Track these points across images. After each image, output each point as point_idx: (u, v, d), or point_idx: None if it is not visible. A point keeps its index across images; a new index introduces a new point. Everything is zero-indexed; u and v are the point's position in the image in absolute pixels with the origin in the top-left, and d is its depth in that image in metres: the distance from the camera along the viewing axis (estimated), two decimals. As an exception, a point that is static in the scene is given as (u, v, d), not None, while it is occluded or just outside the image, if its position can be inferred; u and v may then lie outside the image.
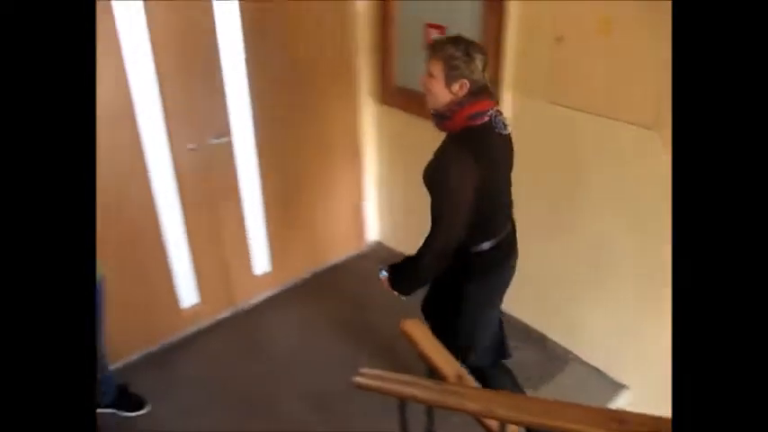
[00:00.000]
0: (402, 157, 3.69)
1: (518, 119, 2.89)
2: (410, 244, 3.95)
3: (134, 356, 3.19)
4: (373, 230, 4.11)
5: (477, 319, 2.35)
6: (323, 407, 2.88)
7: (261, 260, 3.55)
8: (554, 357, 3.09)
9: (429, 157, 3.18)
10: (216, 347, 3.29)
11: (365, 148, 3.79)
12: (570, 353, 3.09)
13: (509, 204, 2.32)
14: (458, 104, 2.03)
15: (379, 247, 4.07)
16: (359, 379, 1.80)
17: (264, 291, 3.64)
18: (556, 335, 3.17)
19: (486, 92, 2.09)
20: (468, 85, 2.02)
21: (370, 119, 3.72)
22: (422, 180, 2.18)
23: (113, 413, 2.86)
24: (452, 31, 3.01)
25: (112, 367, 2.93)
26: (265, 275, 3.60)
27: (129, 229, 2.93)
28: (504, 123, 2.15)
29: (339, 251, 3.96)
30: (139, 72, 2.72)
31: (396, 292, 2.29)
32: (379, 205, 4.01)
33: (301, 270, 3.76)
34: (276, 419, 2.82)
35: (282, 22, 3.12)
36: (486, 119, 2.07)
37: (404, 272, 2.24)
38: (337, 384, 2.92)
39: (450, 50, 2.00)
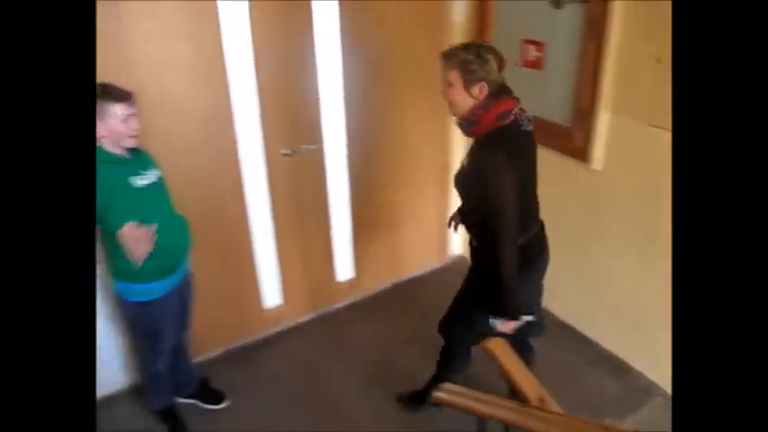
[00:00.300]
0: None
1: (615, 139, 2.82)
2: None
3: (217, 352, 3.29)
4: (457, 244, 4.08)
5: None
6: (399, 416, 2.89)
7: (345, 267, 3.60)
8: (638, 389, 2.97)
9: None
10: (296, 349, 3.35)
11: (453, 160, 3.78)
12: (656, 386, 2.96)
13: (537, 202, 2.32)
14: (482, 108, 2.07)
15: (462, 261, 4.04)
16: (439, 393, 1.78)
17: (346, 297, 3.68)
18: (642, 365, 3.04)
19: (506, 91, 2.12)
20: (486, 87, 2.05)
21: (459, 132, 3.69)
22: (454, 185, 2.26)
23: (194, 404, 2.96)
24: (550, 46, 2.97)
25: (195, 360, 3.03)
26: (348, 282, 3.64)
27: (220, 226, 3.03)
28: (528, 120, 2.18)
29: (422, 263, 3.96)
30: (240, 73, 2.81)
31: (523, 317, 2.23)
32: (464, 219, 3.97)
33: (384, 279, 3.78)
34: (353, 425, 2.85)
35: (379, 34, 3.15)
36: (513, 117, 2.10)
37: (506, 297, 2.17)
38: (413, 396, 2.92)
39: (463, 55, 2.05)
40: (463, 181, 2.22)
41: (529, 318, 2.24)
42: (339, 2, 2.96)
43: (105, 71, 2.34)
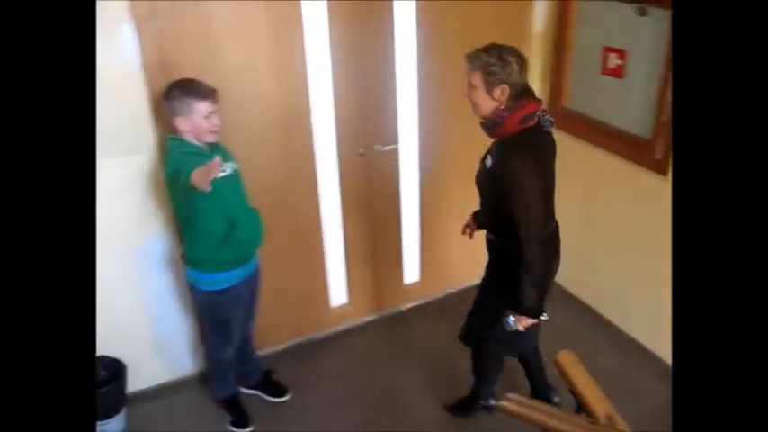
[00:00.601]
0: (564, 182, 3.59)
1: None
2: (563, 269, 3.82)
3: (282, 346, 3.34)
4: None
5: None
6: (455, 419, 2.89)
7: (411, 269, 3.60)
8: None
9: (592, 182, 3.08)
10: (360, 348, 3.38)
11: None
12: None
13: (553, 203, 2.38)
14: (506, 110, 2.11)
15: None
16: (505, 403, 1.76)
17: (411, 300, 3.68)
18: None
19: (528, 93, 2.16)
20: (508, 89, 2.09)
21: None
22: (476, 183, 2.34)
23: (257, 395, 3.03)
24: (632, 55, 2.90)
25: (262, 353, 3.09)
26: (413, 285, 3.64)
27: (293, 223, 3.08)
28: (550, 121, 2.21)
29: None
30: (319, 73, 2.85)
31: (539, 318, 2.30)
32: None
33: (449, 284, 3.75)
34: (410, 425, 2.86)
35: (458, 41, 3.13)
36: (536, 120, 2.15)
37: (531, 296, 2.22)
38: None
39: (485, 58, 2.09)
40: (485, 180, 2.28)
41: (544, 317, 2.29)
42: (417, 2, 2.96)
43: (194, 70, 2.43)
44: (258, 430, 2.87)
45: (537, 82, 3.47)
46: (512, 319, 2.28)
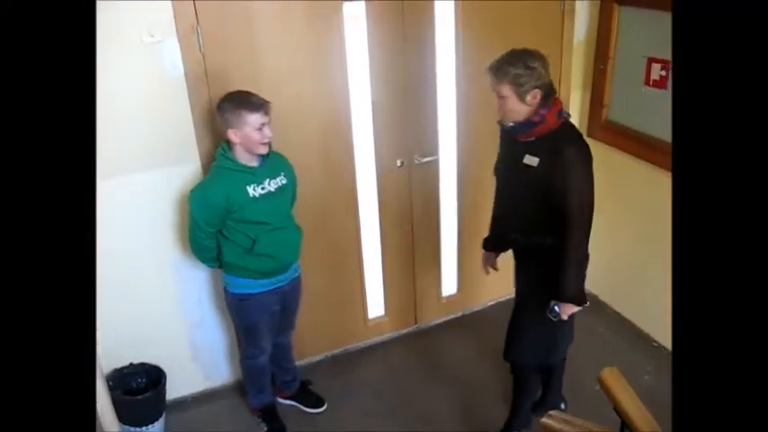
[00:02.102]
0: (606, 195, 3.53)
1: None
2: (606, 286, 3.74)
3: (318, 357, 3.35)
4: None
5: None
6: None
7: (449, 282, 3.57)
8: None
9: (634, 195, 3.03)
10: (396, 360, 3.36)
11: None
12: None
13: None
14: (545, 108, 2.16)
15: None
16: (546, 420, 1.73)
17: (448, 313, 3.65)
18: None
19: (554, 90, 2.23)
20: (539, 92, 2.14)
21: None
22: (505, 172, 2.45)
23: (293, 406, 3.02)
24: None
25: (298, 363, 3.09)
26: (451, 297, 3.61)
27: (332, 233, 3.08)
28: (568, 114, 2.28)
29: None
30: (359, 83, 2.86)
31: (583, 306, 2.31)
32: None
33: (487, 297, 3.71)
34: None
35: (499, 49, 3.10)
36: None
37: (573, 281, 2.24)
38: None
39: (513, 71, 2.12)
40: (529, 180, 2.25)
41: (580, 308, 2.31)
42: (456, 9, 2.95)
43: (236, 81, 2.45)
44: (294, 441, 2.87)
45: (578, 92, 3.43)
46: (557, 307, 2.29)
